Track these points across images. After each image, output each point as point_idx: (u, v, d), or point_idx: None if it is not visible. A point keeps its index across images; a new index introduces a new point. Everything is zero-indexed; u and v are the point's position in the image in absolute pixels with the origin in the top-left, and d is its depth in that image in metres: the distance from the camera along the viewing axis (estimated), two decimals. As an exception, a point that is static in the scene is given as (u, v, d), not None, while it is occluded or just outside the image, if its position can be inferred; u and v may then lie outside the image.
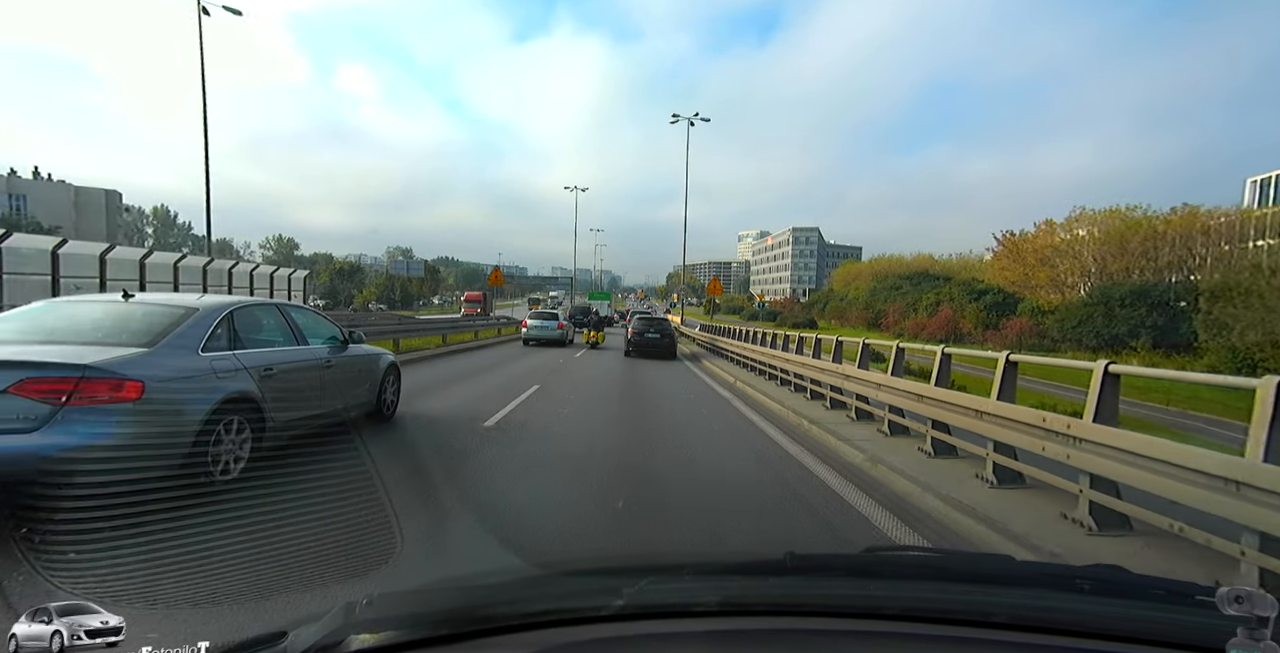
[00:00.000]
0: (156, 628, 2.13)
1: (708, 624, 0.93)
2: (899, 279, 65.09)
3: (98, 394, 3.19)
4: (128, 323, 3.92)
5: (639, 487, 4.67)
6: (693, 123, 32.99)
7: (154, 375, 3.46)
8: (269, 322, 4.95)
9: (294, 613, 2.16)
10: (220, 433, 3.83)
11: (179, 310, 4.10)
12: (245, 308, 4.66)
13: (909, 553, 1.86)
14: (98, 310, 4.08)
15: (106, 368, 3.25)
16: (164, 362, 3.63)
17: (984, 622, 0.92)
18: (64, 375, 3.13)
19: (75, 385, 3.14)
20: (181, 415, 3.59)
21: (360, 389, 6.09)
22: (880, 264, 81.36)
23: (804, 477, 5.28)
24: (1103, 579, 1.09)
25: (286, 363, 4.78)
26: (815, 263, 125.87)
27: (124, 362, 3.38)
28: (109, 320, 3.94)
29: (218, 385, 3.91)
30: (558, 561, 2.65)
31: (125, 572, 2.46)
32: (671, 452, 6.10)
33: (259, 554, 2.75)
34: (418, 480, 4.48)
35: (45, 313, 4.05)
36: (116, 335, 3.75)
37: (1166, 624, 0.91)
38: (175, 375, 3.63)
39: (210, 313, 4.22)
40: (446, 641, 0.86)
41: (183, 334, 3.89)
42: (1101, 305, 36.44)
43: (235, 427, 3.98)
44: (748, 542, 3.67)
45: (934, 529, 4.00)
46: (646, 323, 18.51)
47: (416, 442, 5.99)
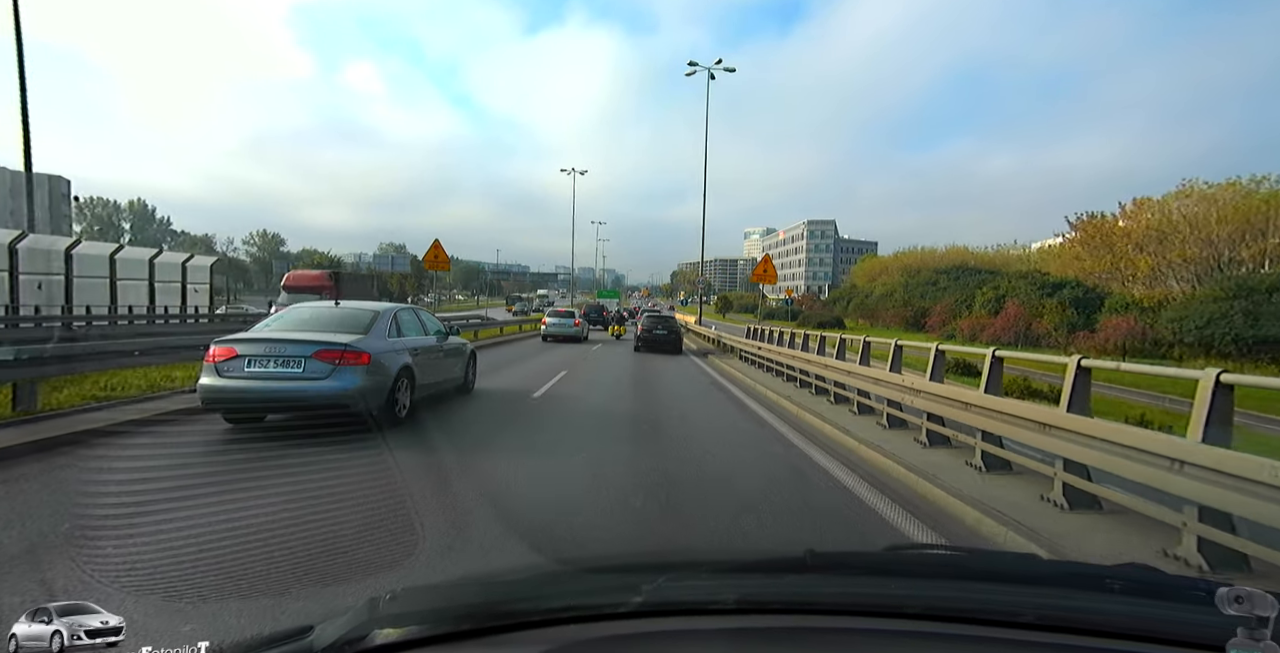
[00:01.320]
0: (191, 620, 2.29)
1: (726, 622, 0.95)
2: (934, 273, 60.46)
3: (352, 360, 5.75)
4: (345, 320, 6.50)
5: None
6: (713, 76, 29.02)
7: (373, 349, 6.03)
8: (410, 319, 7.51)
9: (320, 607, 2.37)
10: (400, 387, 6.38)
11: (371, 312, 6.70)
12: (401, 310, 7.25)
13: (931, 552, 1.90)
14: (325, 312, 6.67)
15: (355, 345, 5.82)
16: (374, 343, 6.19)
17: (1009, 622, 0.92)
18: (337, 348, 5.70)
19: (341, 354, 5.70)
20: (385, 374, 6.15)
21: (456, 368, 8.65)
22: (909, 258, 75.83)
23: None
24: (1134, 579, 1.09)
25: (422, 347, 7.33)
26: (831, 258, 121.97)
27: (360, 341, 5.95)
28: (335, 318, 6.52)
29: (398, 358, 6.47)
30: (576, 557, 2.75)
31: (159, 566, 2.74)
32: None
33: (286, 551, 3.00)
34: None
35: (296, 313, 6.66)
36: (344, 327, 6.32)
37: (1167, 622, 0.92)
38: (381, 350, 6.19)
39: (387, 313, 6.81)
40: (468, 636, 0.91)
41: (378, 327, 6.47)
42: (1241, 299, 28.97)
43: (405, 385, 6.53)
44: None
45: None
46: (655, 321, 20.38)
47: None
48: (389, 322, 6.71)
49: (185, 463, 4.81)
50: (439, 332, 8.33)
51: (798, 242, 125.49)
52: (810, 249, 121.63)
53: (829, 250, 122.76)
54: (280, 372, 5.55)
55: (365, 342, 6.04)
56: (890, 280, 67.19)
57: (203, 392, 5.53)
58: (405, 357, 6.68)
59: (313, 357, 5.61)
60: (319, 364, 5.61)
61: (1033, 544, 3.64)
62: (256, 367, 5.55)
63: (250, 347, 5.61)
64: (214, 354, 5.57)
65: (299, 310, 6.84)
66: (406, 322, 7.26)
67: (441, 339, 8.22)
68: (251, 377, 5.52)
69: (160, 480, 4.26)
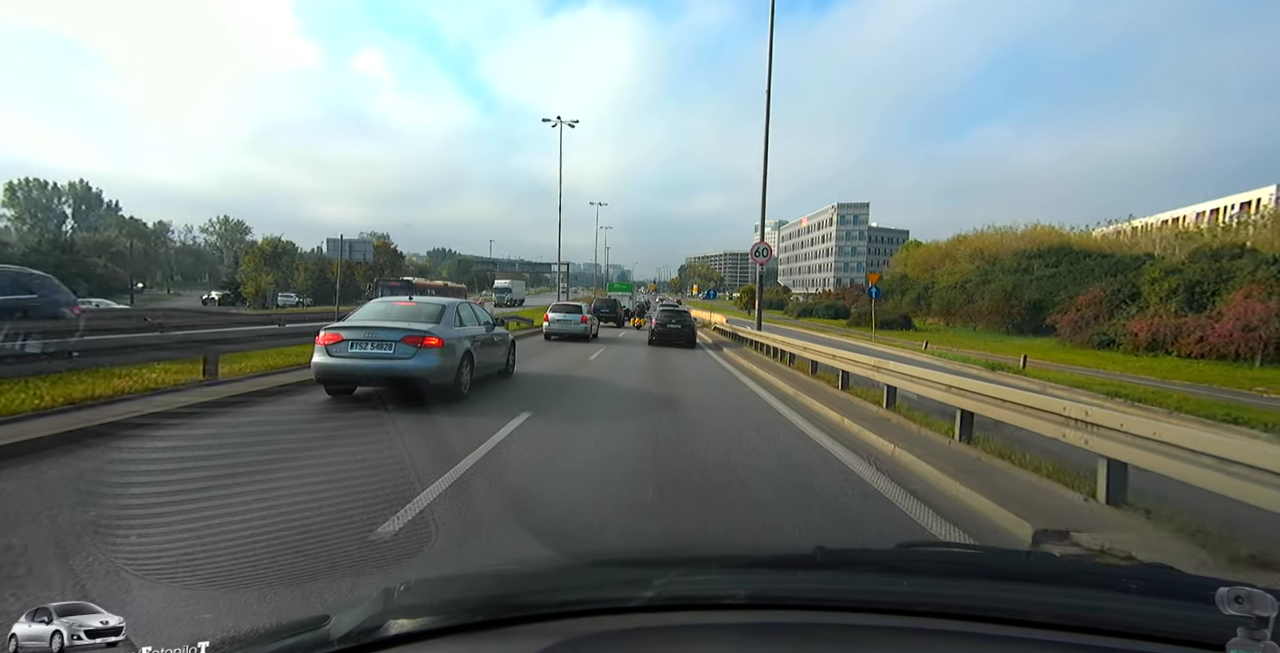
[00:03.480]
0: (210, 608, 2.38)
1: (737, 617, 0.97)
2: (1023, 259, 48.88)
3: (431, 344, 7.36)
4: (419, 312, 8.13)
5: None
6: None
7: (445, 335, 7.64)
8: (468, 312, 9.12)
9: (335, 598, 2.51)
10: (464, 367, 7.99)
11: (439, 306, 8.34)
12: (461, 305, 8.90)
13: (944, 549, 1.91)
14: (403, 307, 8.33)
15: (432, 331, 7.44)
16: (444, 330, 7.80)
17: (1025, 621, 0.93)
18: (420, 334, 7.33)
19: (423, 339, 7.32)
20: (455, 357, 7.77)
21: (501, 354, 10.27)
22: (979, 241, 62.74)
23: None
24: (1153, 579, 1.10)
25: (478, 335, 8.93)
26: (865, 247, 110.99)
27: (435, 329, 7.56)
28: (410, 311, 8.16)
29: (462, 344, 8.08)
30: (588, 551, 2.79)
31: (180, 555, 2.84)
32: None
33: (301, 541, 3.10)
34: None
35: (379, 307, 8.32)
36: (419, 318, 7.94)
37: (1167, 620, 0.93)
38: (451, 337, 7.80)
39: (451, 307, 8.45)
40: (481, 627, 0.93)
41: (446, 317, 8.09)
42: None
43: (467, 366, 8.14)
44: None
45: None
46: (669, 315, 21.15)
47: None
48: (454, 313, 8.33)
49: (204, 457, 4.83)
50: (488, 322, 9.94)
51: (825, 229, 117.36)
52: (841, 237, 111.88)
53: (862, 238, 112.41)
54: (376, 353, 7.20)
55: (439, 329, 7.65)
56: (958, 269, 55.79)
57: (316, 368, 7.21)
58: (467, 343, 8.28)
59: (401, 341, 7.23)
60: (406, 347, 7.24)
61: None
62: (357, 349, 7.21)
63: (352, 333, 7.27)
64: (324, 339, 7.23)
65: (379, 305, 8.53)
66: (465, 314, 8.87)
67: (490, 329, 9.83)
68: (353, 357, 7.18)
69: (176, 475, 4.31)
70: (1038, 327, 37.96)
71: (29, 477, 4.09)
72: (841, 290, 76.28)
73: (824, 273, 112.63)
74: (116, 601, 2.41)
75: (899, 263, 76.69)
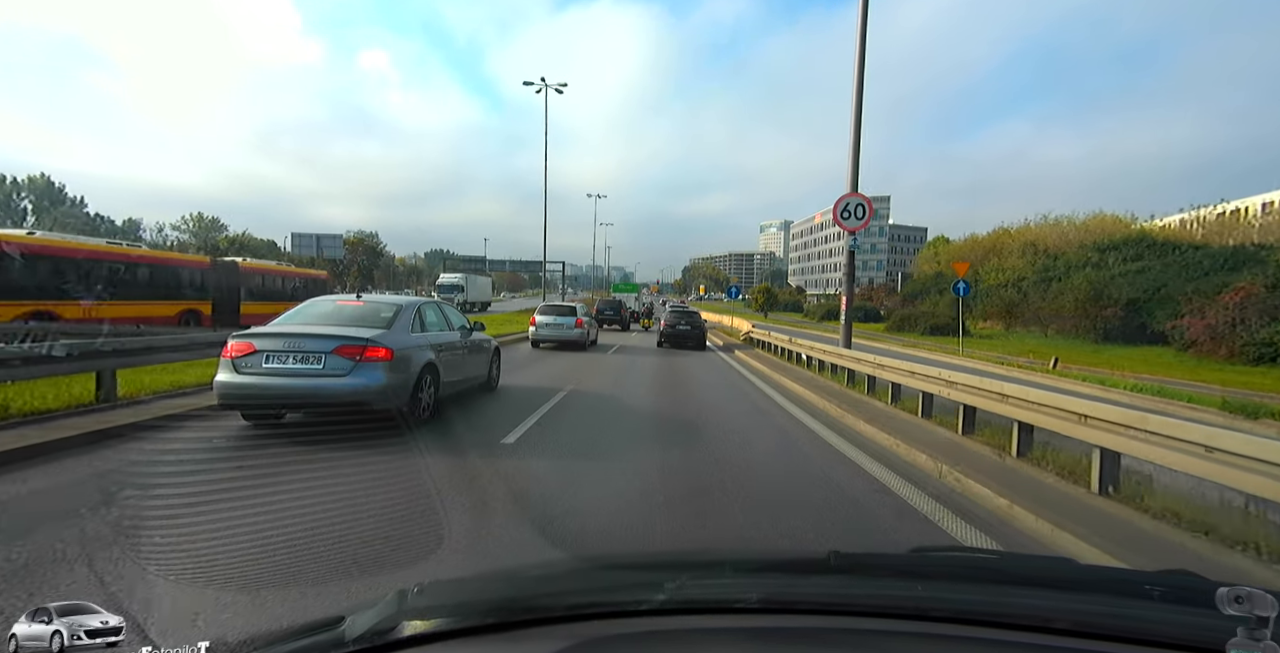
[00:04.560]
0: (227, 609, 2.42)
1: (749, 621, 0.97)
2: (1093, 253, 42.12)
3: (375, 356, 5.67)
4: (366, 315, 6.44)
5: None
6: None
7: (396, 345, 5.95)
8: (435, 314, 7.43)
9: (351, 598, 2.50)
10: (424, 385, 6.29)
11: (395, 306, 6.63)
12: (425, 304, 7.20)
13: (959, 553, 1.85)
14: (346, 307, 6.62)
15: (377, 340, 5.75)
16: (396, 338, 6.11)
17: (1043, 628, 0.92)
18: (359, 343, 5.63)
19: (362, 350, 5.63)
20: (408, 371, 6.08)
21: (481, 365, 8.57)
22: (1034, 233, 55.13)
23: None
24: (1177, 586, 1.08)
25: (446, 343, 7.25)
26: (886, 244, 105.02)
27: (382, 337, 5.87)
28: (356, 313, 6.47)
29: (421, 354, 6.39)
30: (599, 554, 2.81)
31: (198, 557, 2.90)
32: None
33: (320, 544, 3.14)
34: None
35: (325, 308, 6.63)
36: (365, 322, 6.26)
37: (1163, 624, 0.93)
38: (404, 346, 6.12)
39: (409, 307, 6.74)
40: (493, 629, 0.95)
41: (400, 322, 6.40)
42: None
43: (429, 382, 6.44)
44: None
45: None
46: (679, 316, 20.07)
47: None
48: (411, 316, 6.64)
49: (221, 458, 4.90)
50: (463, 327, 8.25)
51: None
52: (859, 233, 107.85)
53: (883, 235, 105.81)
54: (300, 368, 5.51)
55: (387, 337, 5.97)
56: (1009, 264, 49.16)
57: (219, 388, 5.53)
58: (429, 353, 6.60)
59: (334, 352, 5.55)
60: (340, 360, 5.55)
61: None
62: (275, 362, 5.53)
63: (268, 341, 5.59)
64: (231, 349, 5.56)
65: (319, 304, 6.83)
66: (430, 317, 7.19)
67: (466, 335, 8.14)
68: (270, 373, 5.50)
69: (189, 477, 4.41)
70: (1139, 333, 30.22)
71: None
72: (868, 290, 69.34)
73: (840, 272, 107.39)
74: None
75: (925, 261, 71.07)
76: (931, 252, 72.50)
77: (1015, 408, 5.69)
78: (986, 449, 5.91)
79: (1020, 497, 4.45)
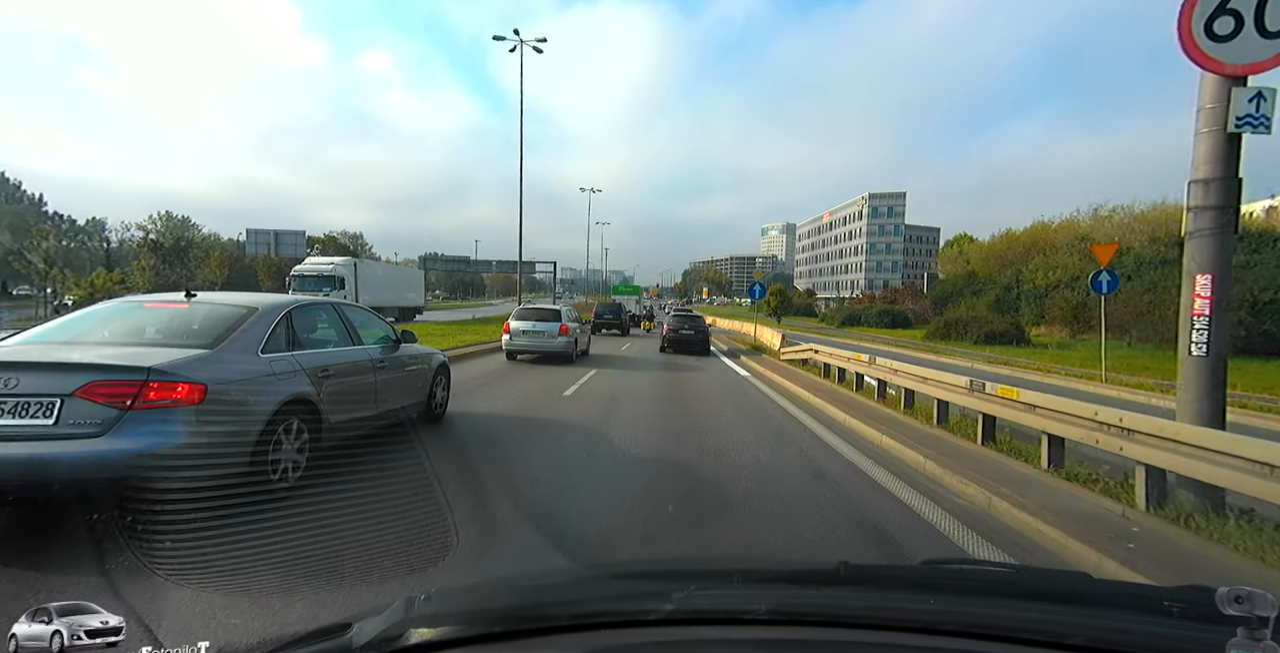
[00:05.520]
0: (238, 615, 2.41)
1: (757, 633, 0.97)
2: (1166, 247, 34.19)
3: (162, 397, 3.29)
4: (189, 323, 4.07)
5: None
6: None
7: (216, 377, 3.58)
8: (325, 321, 5.08)
9: (357, 605, 2.43)
10: (280, 437, 3.94)
11: (240, 310, 4.26)
12: (303, 307, 4.80)
13: (972, 567, 1.82)
14: (162, 311, 4.24)
15: (170, 370, 3.38)
16: (226, 363, 3.75)
17: (1058, 644, 0.90)
18: (129, 378, 3.27)
19: (140, 388, 3.26)
20: (243, 419, 3.70)
21: (412, 389, 6.19)
22: (1086, 226, 48.60)
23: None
24: (1195, 601, 1.05)
25: (342, 363, 4.88)
26: (901, 245, 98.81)
27: (187, 363, 3.51)
28: (172, 321, 4.09)
29: (277, 388, 4.01)
30: (607, 563, 2.81)
31: (208, 562, 2.79)
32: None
33: (326, 550, 3.04)
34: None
35: (112, 314, 4.25)
36: (179, 336, 3.93)
37: (1161, 638, 0.95)
38: (237, 377, 3.75)
39: (269, 312, 4.35)
40: (501, 638, 0.94)
41: (243, 335, 4.03)
42: None
43: (295, 430, 4.08)
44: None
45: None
46: (682, 320, 19.50)
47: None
48: (267, 327, 4.22)
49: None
50: (384, 338, 5.87)
51: (852, 224, 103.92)
52: (873, 232, 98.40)
53: (898, 234, 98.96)
54: (9, 426, 3.10)
55: (202, 363, 3.58)
56: (1060, 262, 42.64)
57: None
58: (300, 382, 4.23)
59: (77, 395, 3.16)
60: (90, 408, 3.16)
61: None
62: (-24, 412, 3.13)
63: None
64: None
65: (106, 311, 4.42)
66: (312, 325, 4.82)
67: (388, 348, 5.77)
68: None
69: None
70: (1266, 341, 23.92)
71: None
72: (892, 293, 62.31)
73: (853, 274, 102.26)
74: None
75: (949, 260, 65.65)
76: (955, 250, 67.82)
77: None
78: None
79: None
